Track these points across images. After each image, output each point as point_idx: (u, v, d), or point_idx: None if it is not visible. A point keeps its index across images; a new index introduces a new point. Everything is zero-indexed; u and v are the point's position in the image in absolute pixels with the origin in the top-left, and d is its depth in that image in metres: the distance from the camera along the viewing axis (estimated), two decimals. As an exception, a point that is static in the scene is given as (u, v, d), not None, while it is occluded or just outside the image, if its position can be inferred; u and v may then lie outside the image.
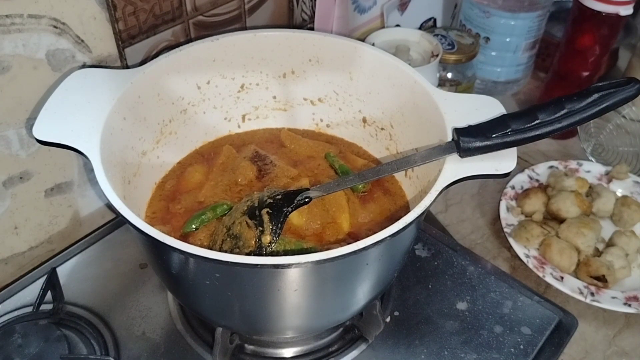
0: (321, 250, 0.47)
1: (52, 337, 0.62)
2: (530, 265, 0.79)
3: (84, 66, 0.66)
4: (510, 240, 0.82)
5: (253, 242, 0.56)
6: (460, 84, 0.98)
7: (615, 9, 0.88)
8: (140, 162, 0.66)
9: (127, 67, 0.70)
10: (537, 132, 0.55)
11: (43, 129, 0.56)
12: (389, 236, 0.48)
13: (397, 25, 0.99)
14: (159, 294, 0.71)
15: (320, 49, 0.72)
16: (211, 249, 0.47)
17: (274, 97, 0.77)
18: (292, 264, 0.47)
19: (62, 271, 0.72)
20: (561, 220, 0.84)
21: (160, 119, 0.69)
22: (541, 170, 0.94)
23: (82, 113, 0.58)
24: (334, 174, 0.70)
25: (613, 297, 0.76)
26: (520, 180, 0.92)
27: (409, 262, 0.75)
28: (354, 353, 0.66)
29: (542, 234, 0.82)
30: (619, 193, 0.91)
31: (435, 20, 1.09)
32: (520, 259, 0.81)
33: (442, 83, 0.96)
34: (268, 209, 0.57)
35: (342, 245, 0.47)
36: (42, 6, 0.59)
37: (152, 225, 0.49)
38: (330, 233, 0.62)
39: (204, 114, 0.74)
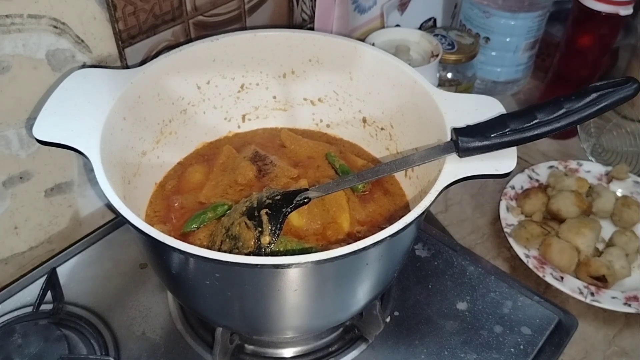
0: (321, 250, 0.47)
1: (52, 337, 0.62)
2: (530, 265, 0.79)
3: (84, 66, 0.66)
4: (510, 240, 0.82)
5: (252, 243, 0.56)
6: (460, 84, 0.98)
7: (615, 9, 0.88)
8: (140, 162, 0.66)
9: (127, 67, 0.70)
10: (536, 132, 0.55)
11: (43, 129, 0.56)
12: (389, 236, 0.48)
13: (397, 25, 0.99)
14: (159, 294, 0.71)
15: (320, 49, 0.72)
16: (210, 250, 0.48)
17: (274, 97, 0.77)
18: (292, 264, 0.47)
19: (62, 271, 0.72)
20: (561, 220, 0.84)
21: (160, 119, 0.69)
22: (541, 170, 0.94)
23: (82, 113, 0.58)
24: (334, 174, 0.70)
25: (613, 297, 0.76)
26: (520, 180, 0.92)
27: (409, 262, 0.75)
28: (354, 353, 0.66)
29: (542, 234, 0.82)
30: (619, 193, 0.91)
31: (435, 20, 1.09)
32: (520, 259, 0.81)
33: (442, 83, 0.96)
34: (267, 210, 0.57)
35: (342, 245, 0.47)
36: (42, 6, 0.59)
37: (152, 225, 0.49)
38: (331, 233, 0.62)
39: (204, 114, 0.74)
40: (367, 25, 0.95)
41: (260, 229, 0.56)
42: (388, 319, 0.69)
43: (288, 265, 0.47)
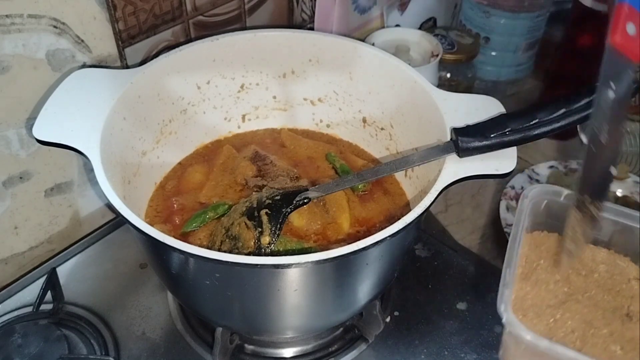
0: (321, 250, 0.47)
1: (52, 337, 0.62)
2: (530, 265, 0.79)
3: (84, 66, 0.66)
4: (510, 240, 0.82)
5: (252, 243, 0.56)
6: (460, 84, 0.98)
7: (615, 8, 0.88)
8: (140, 162, 0.66)
9: (127, 67, 0.70)
10: (536, 132, 0.55)
11: (43, 129, 0.56)
12: (389, 236, 0.48)
13: (397, 25, 0.99)
14: (159, 294, 0.71)
15: (320, 49, 0.72)
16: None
17: (274, 97, 0.77)
18: (292, 264, 0.47)
19: (62, 271, 0.72)
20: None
21: (160, 119, 0.69)
22: (541, 170, 0.94)
23: (82, 113, 0.58)
24: (334, 174, 0.70)
25: (613, 297, 0.76)
26: (520, 180, 0.92)
27: (409, 262, 0.75)
28: (354, 353, 0.66)
29: (542, 234, 0.82)
30: (619, 193, 0.91)
31: (435, 20, 1.09)
32: (520, 259, 0.80)
33: (442, 83, 0.96)
34: (267, 210, 0.57)
35: (342, 245, 0.47)
36: (42, 6, 0.59)
37: (152, 225, 0.49)
38: (331, 233, 0.62)
39: (204, 114, 0.74)
40: (367, 25, 0.95)
41: (260, 229, 0.56)
42: (388, 319, 0.69)
43: (288, 265, 0.47)
